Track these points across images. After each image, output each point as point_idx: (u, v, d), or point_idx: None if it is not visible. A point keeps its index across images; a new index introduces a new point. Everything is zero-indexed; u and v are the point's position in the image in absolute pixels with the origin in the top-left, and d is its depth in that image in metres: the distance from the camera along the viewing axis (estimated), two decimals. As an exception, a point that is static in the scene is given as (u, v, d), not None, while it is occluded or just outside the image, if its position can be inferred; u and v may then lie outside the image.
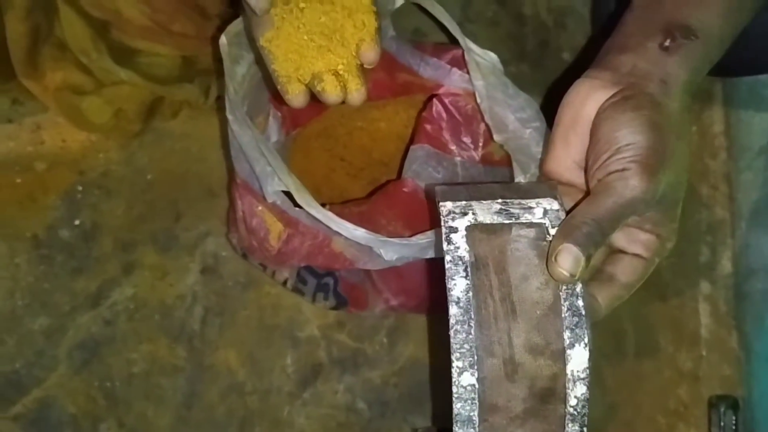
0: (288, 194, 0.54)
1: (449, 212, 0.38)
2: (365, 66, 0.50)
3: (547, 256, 0.39)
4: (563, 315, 0.38)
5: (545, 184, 0.42)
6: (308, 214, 0.52)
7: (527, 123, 0.57)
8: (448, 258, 0.37)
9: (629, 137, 0.41)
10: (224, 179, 0.81)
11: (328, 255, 0.56)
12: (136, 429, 0.74)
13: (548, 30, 0.89)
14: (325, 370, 0.75)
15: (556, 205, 0.39)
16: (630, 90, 0.43)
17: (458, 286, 0.37)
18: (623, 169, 0.40)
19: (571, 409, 0.38)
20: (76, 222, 0.80)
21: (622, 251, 0.44)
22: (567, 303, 0.38)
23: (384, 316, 0.75)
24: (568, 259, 0.38)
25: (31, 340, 0.76)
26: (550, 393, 0.38)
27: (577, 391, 0.38)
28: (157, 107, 0.81)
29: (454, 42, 0.63)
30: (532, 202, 0.39)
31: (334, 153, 0.75)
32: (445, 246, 0.37)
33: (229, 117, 0.55)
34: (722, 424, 0.74)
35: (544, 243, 0.38)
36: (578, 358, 0.37)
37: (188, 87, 0.78)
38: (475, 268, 0.37)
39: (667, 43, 0.45)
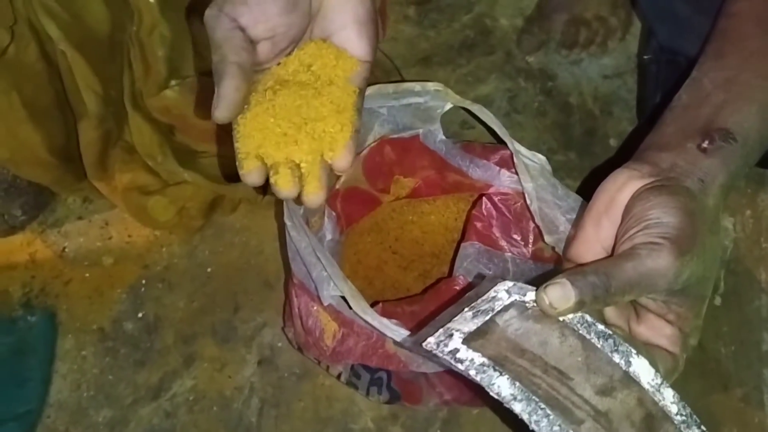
0: (344, 297, 0.56)
1: (437, 344, 0.38)
2: (335, 172, 0.47)
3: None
4: (599, 345, 0.37)
5: (487, 280, 0.43)
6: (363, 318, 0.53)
7: (577, 225, 0.58)
8: (473, 373, 0.37)
9: (662, 216, 0.41)
10: (280, 271, 0.84)
11: (383, 356, 0.58)
12: None
13: (595, 118, 0.90)
14: (379, 464, 0.75)
15: (509, 282, 0.40)
16: (668, 181, 0.43)
17: (503, 386, 0.36)
18: (651, 242, 0.40)
19: (679, 417, 0.37)
20: (140, 315, 0.83)
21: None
22: (593, 334, 0.37)
23: (438, 408, 0.75)
24: (556, 290, 0.38)
25: (95, 432, 0.79)
26: (651, 417, 0.37)
27: (668, 397, 0.37)
28: (218, 203, 0.85)
29: (501, 138, 0.65)
30: (491, 293, 0.40)
31: (386, 246, 0.77)
32: (461, 367, 0.37)
33: (287, 223, 0.57)
34: None
35: (530, 308, 0.38)
36: (643, 370, 0.36)
37: (246, 185, 0.81)
38: (500, 364, 0.37)
39: (705, 145, 0.46)
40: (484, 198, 0.65)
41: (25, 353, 0.82)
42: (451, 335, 0.38)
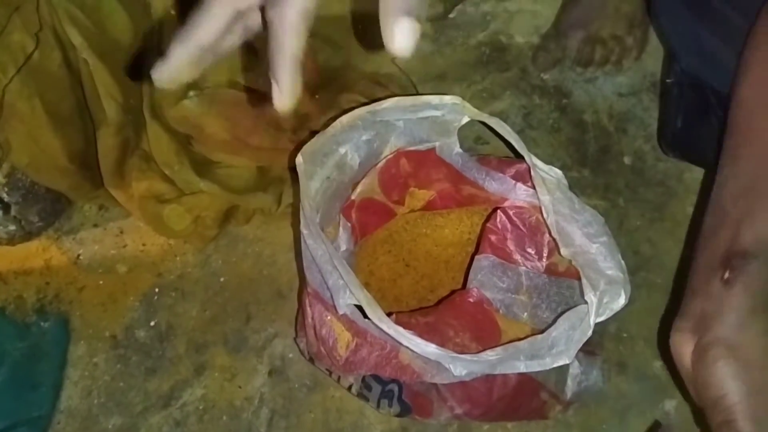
0: (358, 306, 0.56)
1: None
2: None
3: None
4: None
5: None
6: (378, 327, 0.53)
7: (594, 238, 0.58)
8: None
9: (720, 390, 0.45)
10: (293, 282, 0.84)
11: (396, 366, 0.57)
12: None
13: (609, 135, 0.90)
14: (389, 478, 0.74)
15: None
16: (706, 338, 0.46)
17: None
18: (728, 420, 0.44)
19: None
20: (152, 323, 0.84)
21: None
22: None
23: (447, 423, 0.74)
24: None
25: (105, 439, 0.79)
26: None
27: None
28: (232, 213, 0.86)
29: (516, 151, 0.65)
30: None
31: (399, 258, 0.77)
32: None
33: (304, 231, 0.58)
34: None
35: None
36: None
37: (262, 195, 0.82)
38: None
39: (726, 276, 0.47)
40: (498, 211, 0.65)
41: (37, 358, 0.82)
42: None
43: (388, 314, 0.60)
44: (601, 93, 0.93)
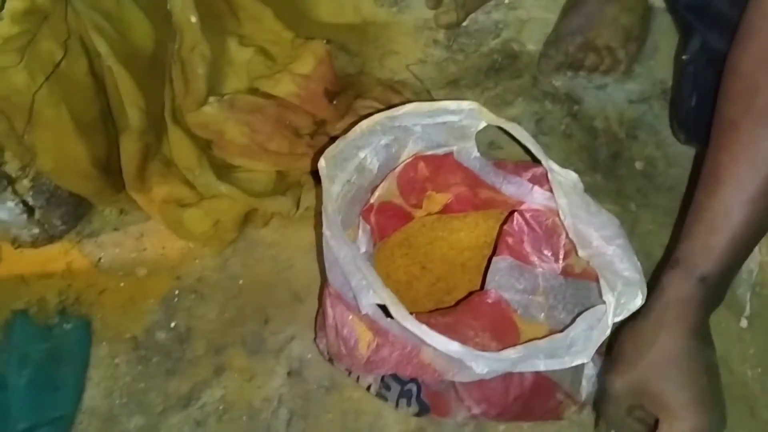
0: (380, 306, 0.57)
1: None
2: None
3: None
4: None
5: None
6: (400, 325, 0.55)
7: (611, 240, 0.59)
8: None
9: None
10: (310, 285, 0.85)
11: (417, 365, 0.59)
12: None
13: (620, 141, 0.92)
14: (406, 477, 0.76)
15: None
16: None
17: None
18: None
19: None
20: (172, 325, 0.85)
21: None
22: None
23: (464, 423, 0.75)
24: None
25: (126, 439, 0.80)
26: None
27: None
28: (250, 217, 0.87)
29: (529, 155, 0.66)
30: None
31: (416, 261, 0.78)
32: None
33: (327, 233, 0.59)
34: None
35: None
36: None
37: (281, 199, 0.84)
38: None
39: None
40: (516, 214, 0.66)
41: (59, 360, 0.83)
42: None
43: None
44: (611, 100, 0.95)
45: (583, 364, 0.72)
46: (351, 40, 1.02)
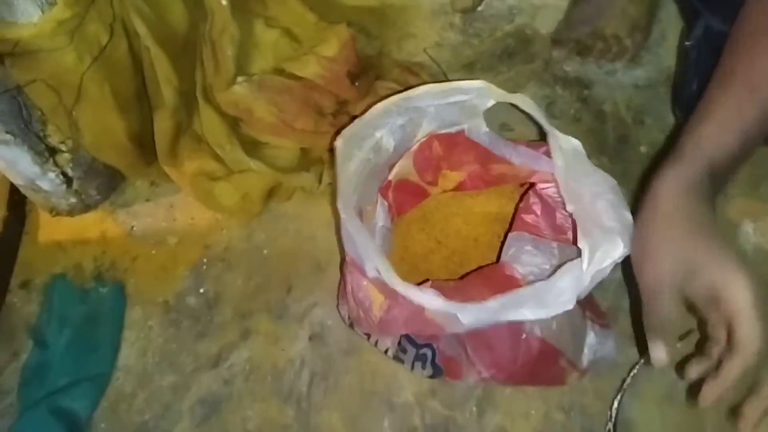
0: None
1: None
2: None
3: None
4: None
5: None
6: (408, 286, 0.60)
7: (601, 195, 0.63)
8: None
9: None
10: (331, 256, 0.91)
11: (423, 322, 0.64)
12: (248, 481, 0.82)
13: (627, 126, 0.96)
14: (419, 435, 0.82)
15: None
16: None
17: None
18: None
19: None
20: (201, 290, 0.91)
21: None
22: None
23: (474, 386, 0.81)
24: None
25: (160, 395, 0.86)
26: None
27: None
28: (275, 191, 0.93)
29: (540, 137, 0.71)
30: None
31: (432, 236, 0.83)
32: None
33: (339, 206, 0.64)
34: None
35: None
36: None
37: (305, 175, 0.89)
38: None
39: None
40: (530, 192, 0.71)
41: (96, 321, 0.89)
42: None
43: (424, 281, 0.67)
44: (620, 85, 0.99)
45: (584, 335, 0.77)
46: (370, 23, 1.07)
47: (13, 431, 0.84)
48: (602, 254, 0.60)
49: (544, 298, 0.61)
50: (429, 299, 0.60)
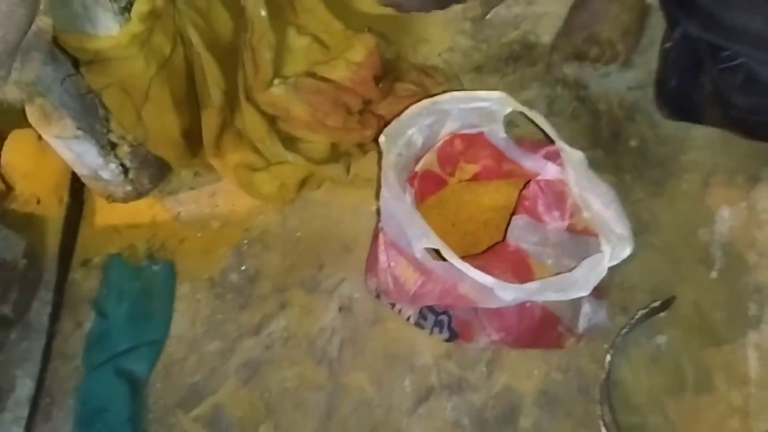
0: (434, 249, 0.75)
1: None
2: None
3: None
4: None
5: None
6: (443, 264, 0.72)
7: (608, 205, 0.77)
8: None
9: None
10: (357, 237, 1.02)
11: (455, 296, 0.76)
12: (288, 432, 0.94)
13: (619, 122, 1.07)
14: (435, 392, 0.93)
15: None
16: None
17: None
18: None
19: None
20: (243, 268, 1.03)
21: None
22: None
23: (484, 349, 0.93)
24: None
25: (207, 359, 0.98)
26: None
27: None
28: (306, 180, 1.04)
29: (541, 132, 0.83)
30: None
31: (447, 220, 0.95)
32: None
33: (386, 193, 0.76)
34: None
35: None
36: None
37: (335, 166, 1.01)
38: None
39: None
40: (532, 182, 0.83)
41: (150, 295, 1.01)
42: None
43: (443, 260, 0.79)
44: (613, 86, 1.10)
45: (580, 304, 0.89)
46: (388, 29, 1.18)
47: (82, 388, 0.96)
48: (617, 254, 0.75)
49: (569, 285, 0.74)
50: (483, 277, 0.72)
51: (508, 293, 0.72)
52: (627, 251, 0.75)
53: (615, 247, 0.74)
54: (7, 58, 0.64)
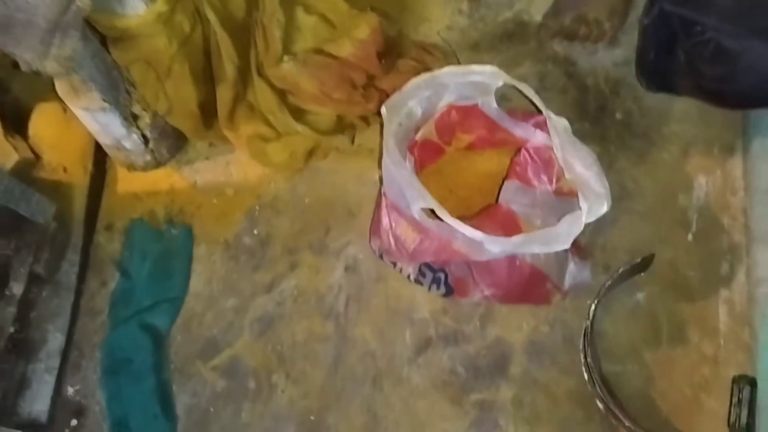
0: (424, 211, 0.83)
1: None
2: None
3: None
4: None
5: None
6: (439, 223, 0.80)
7: (588, 167, 0.84)
8: None
9: None
10: (361, 203, 1.10)
11: (450, 252, 0.84)
12: (298, 380, 1.02)
13: (605, 96, 1.15)
14: (433, 343, 1.02)
15: None
16: None
17: None
18: None
19: None
20: (255, 232, 1.11)
21: None
22: None
23: (478, 304, 1.02)
24: None
25: (224, 315, 1.07)
26: None
27: None
28: (314, 150, 1.12)
29: (532, 106, 0.91)
30: None
31: (445, 186, 1.03)
32: None
33: (387, 160, 0.84)
34: (741, 396, 0.94)
35: None
36: None
37: (340, 137, 1.08)
38: None
39: None
40: (522, 149, 0.91)
41: (170, 256, 1.10)
42: None
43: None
44: (600, 63, 1.17)
45: (566, 263, 0.97)
46: (391, 9, 1.24)
47: (108, 341, 1.05)
48: (594, 211, 0.82)
49: (551, 239, 0.81)
50: (473, 232, 0.80)
51: (495, 246, 0.80)
52: (604, 208, 0.82)
53: (593, 204, 0.81)
54: (48, 35, 0.72)
